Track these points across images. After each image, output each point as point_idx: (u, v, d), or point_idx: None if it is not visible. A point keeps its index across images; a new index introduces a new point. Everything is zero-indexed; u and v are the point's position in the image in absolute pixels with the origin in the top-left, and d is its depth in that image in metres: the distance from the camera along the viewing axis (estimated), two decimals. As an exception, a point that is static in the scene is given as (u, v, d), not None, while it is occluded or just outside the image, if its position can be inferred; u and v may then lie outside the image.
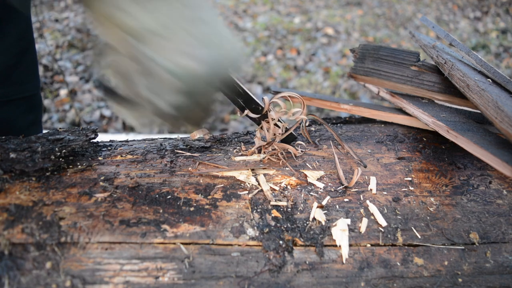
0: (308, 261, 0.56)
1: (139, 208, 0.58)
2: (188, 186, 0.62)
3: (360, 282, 0.55)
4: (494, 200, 0.67)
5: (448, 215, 0.64)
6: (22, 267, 0.51)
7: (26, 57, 0.90)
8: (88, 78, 2.73)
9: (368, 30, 4.02)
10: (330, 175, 0.68)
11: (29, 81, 0.93)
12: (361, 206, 0.63)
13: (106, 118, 2.32)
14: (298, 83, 2.87)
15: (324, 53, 3.38)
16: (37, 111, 0.99)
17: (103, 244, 0.53)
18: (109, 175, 0.63)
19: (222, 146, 0.75)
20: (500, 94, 0.68)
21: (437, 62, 0.82)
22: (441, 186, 0.68)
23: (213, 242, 0.56)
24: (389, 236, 0.60)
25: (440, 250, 0.60)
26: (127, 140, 0.77)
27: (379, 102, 2.53)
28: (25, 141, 0.64)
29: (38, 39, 2.88)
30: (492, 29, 4.12)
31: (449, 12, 4.65)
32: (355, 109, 0.87)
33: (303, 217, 0.60)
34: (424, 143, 0.77)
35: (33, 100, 0.96)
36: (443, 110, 0.79)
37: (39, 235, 0.53)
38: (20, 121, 0.94)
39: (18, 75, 0.89)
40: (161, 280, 0.52)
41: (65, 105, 2.41)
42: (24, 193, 0.57)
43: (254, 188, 0.63)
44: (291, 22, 4.14)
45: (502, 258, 0.60)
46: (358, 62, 0.89)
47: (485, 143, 0.62)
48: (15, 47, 0.86)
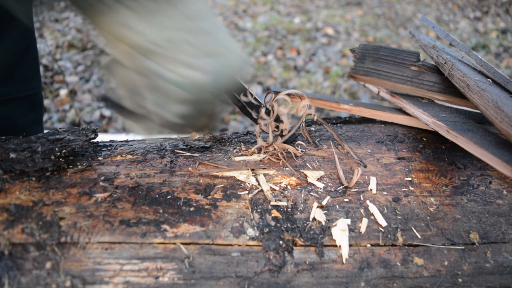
0: (308, 261, 0.56)
1: (139, 208, 0.58)
2: (188, 186, 0.62)
3: (360, 282, 0.55)
4: (494, 200, 0.67)
5: (448, 215, 0.64)
6: (22, 267, 0.51)
7: (27, 56, 0.90)
8: (88, 78, 2.73)
9: (368, 30, 4.02)
10: (330, 175, 0.68)
11: (30, 80, 0.93)
12: (361, 206, 0.63)
13: (106, 118, 2.32)
14: (298, 83, 2.87)
15: (324, 53, 3.38)
16: (38, 110, 0.99)
17: (103, 244, 0.53)
18: (109, 175, 0.63)
19: (222, 146, 0.75)
20: (500, 94, 0.68)
21: (437, 62, 0.82)
22: (441, 186, 0.68)
23: (213, 242, 0.56)
24: (389, 236, 0.60)
25: (440, 250, 0.60)
26: (127, 140, 0.77)
27: (379, 102, 2.53)
28: (25, 141, 0.64)
29: (38, 39, 2.88)
30: (492, 29, 4.12)
31: (449, 12, 4.65)
32: (355, 109, 0.87)
33: (303, 217, 0.60)
34: (424, 143, 0.77)
35: (34, 99, 0.96)
36: (443, 110, 0.79)
37: (39, 235, 0.53)
38: (21, 120, 0.94)
39: (20, 74, 0.90)
40: (161, 280, 0.52)
41: (65, 105, 2.41)
42: (24, 193, 0.57)
43: (254, 188, 0.63)
44: (291, 22, 4.14)
45: (502, 258, 0.60)
46: (358, 62, 0.89)
47: (485, 143, 0.62)
48: (17, 46, 0.86)
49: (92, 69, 2.80)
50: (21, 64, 0.89)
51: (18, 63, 0.88)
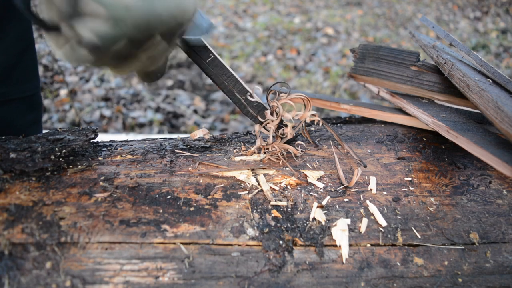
0: (308, 261, 0.56)
1: (139, 208, 0.58)
2: (188, 186, 0.63)
3: (360, 282, 0.55)
4: (494, 200, 0.67)
5: (448, 215, 0.64)
6: (22, 267, 0.51)
7: (26, 56, 0.90)
8: (88, 78, 2.73)
9: (368, 30, 4.02)
10: (330, 175, 0.68)
11: (29, 80, 0.93)
12: (361, 206, 0.63)
13: (106, 118, 2.32)
14: (298, 83, 2.87)
15: (324, 53, 3.38)
16: (37, 111, 0.99)
17: (103, 244, 0.53)
18: (109, 175, 0.63)
19: (222, 146, 0.75)
20: (500, 94, 0.68)
21: (437, 62, 0.82)
22: (441, 186, 0.68)
23: (213, 242, 0.56)
24: (389, 236, 0.60)
25: (440, 250, 0.60)
26: (127, 140, 0.77)
27: (379, 102, 2.53)
28: (25, 141, 0.64)
29: (38, 39, 2.88)
30: (492, 29, 4.12)
31: (449, 12, 4.65)
32: (355, 109, 0.87)
33: (303, 217, 0.60)
34: (424, 143, 0.77)
35: (33, 100, 0.96)
36: (443, 110, 0.79)
37: (39, 235, 0.53)
38: (20, 121, 0.94)
39: (18, 75, 0.89)
40: (161, 280, 0.52)
41: (65, 105, 2.41)
42: (24, 193, 0.57)
43: (254, 188, 0.63)
44: (291, 22, 4.14)
45: (502, 258, 0.60)
46: (358, 62, 0.89)
47: (485, 143, 0.62)
48: (15, 46, 0.86)
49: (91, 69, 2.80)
50: (20, 65, 0.89)
51: (17, 64, 0.88)
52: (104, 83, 2.67)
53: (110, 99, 2.50)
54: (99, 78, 2.71)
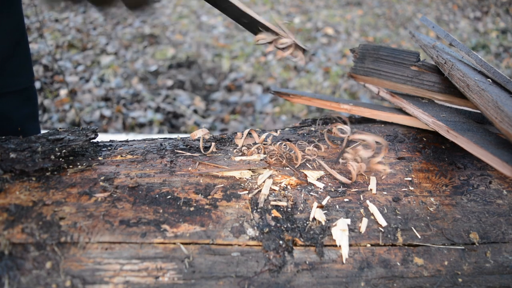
0: (308, 261, 0.56)
1: (139, 208, 0.58)
2: (188, 186, 0.62)
3: (360, 282, 0.55)
4: (494, 200, 0.67)
5: (448, 215, 0.64)
6: (22, 267, 0.51)
7: (19, 49, 0.90)
8: (88, 78, 2.73)
9: (368, 30, 4.02)
10: (330, 175, 0.68)
11: (22, 73, 0.93)
12: (361, 206, 0.63)
13: (106, 118, 2.32)
14: (298, 83, 2.87)
15: (324, 53, 3.38)
16: (32, 104, 0.98)
17: (103, 244, 0.53)
18: (109, 175, 0.63)
19: (222, 146, 0.75)
20: (500, 94, 0.68)
21: (437, 62, 0.82)
22: (441, 186, 0.68)
23: (213, 242, 0.56)
24: (389, 236, 0.60)
25: (440, 250, 0.60)
26: (127, 140, 0.77)
27: (379, 102, 2.53)
28: (25, 141, 0.64)
29: (38, 39, 2.88)
30: (492, 29, 4.12)
31: (449, 12, 4.65)
32: (355, 109, 0.87)
33: (303, 217, 0.60)
34: (424, 143, 0.77)
35: (27, 93, 0.96)
36: (443, 110, 0.79)
37: (39, 235, 0.53)
38: (16, 115, 0.94)
39: (12, 68, 0.89)
40: (161, 280, 0.52)
41: (65, 105, 2.41)
42: (24, 193, 0.57)
43: (254, 188, 0.63)
44: (291, 22, 4.14)
45: (502, 258, 0.60)
46: (358, 62, 0.89)
47: (485, 143, 0.62)
48: (8, 39, 0.86)
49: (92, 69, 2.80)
50: (13, 58, 0.88)
51: (10, 57, 0.88)
52: (104, 83, 2.67)
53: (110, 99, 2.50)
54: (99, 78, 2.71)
